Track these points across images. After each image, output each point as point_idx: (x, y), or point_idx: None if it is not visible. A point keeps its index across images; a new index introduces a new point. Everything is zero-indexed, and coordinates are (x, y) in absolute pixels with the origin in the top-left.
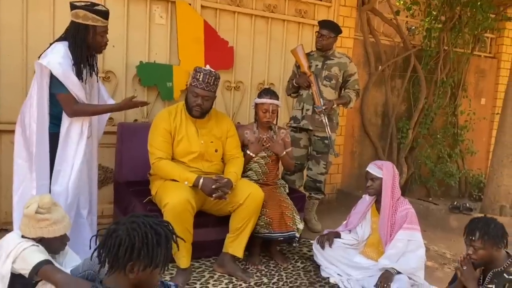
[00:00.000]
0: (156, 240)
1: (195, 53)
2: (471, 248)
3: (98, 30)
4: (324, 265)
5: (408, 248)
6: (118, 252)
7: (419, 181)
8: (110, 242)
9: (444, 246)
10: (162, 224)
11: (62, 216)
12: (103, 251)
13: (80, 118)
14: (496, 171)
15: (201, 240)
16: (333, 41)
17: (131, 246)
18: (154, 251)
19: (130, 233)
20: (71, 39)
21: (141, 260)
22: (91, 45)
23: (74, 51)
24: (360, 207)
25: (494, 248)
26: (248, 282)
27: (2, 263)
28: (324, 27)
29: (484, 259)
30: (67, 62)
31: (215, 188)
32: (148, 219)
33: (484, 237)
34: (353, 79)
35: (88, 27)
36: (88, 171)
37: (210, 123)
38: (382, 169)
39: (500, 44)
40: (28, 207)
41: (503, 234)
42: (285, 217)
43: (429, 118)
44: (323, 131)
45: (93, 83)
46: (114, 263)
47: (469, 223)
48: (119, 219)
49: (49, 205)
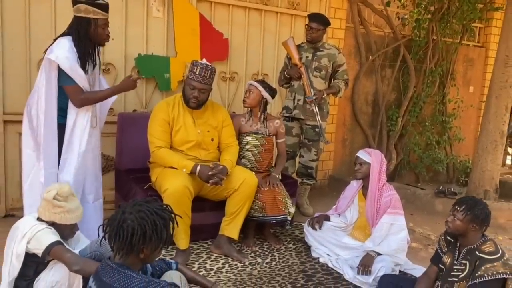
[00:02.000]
0: (163, 224)
1: (191, 45)
2: (451, 216)
3: (99, 22)
4: (314, 246)
5: (390, 231)
6: (132, 241)
7: (408, 167)
8: (122, 232)
9: (429, 228)
10: (164, 208)
11: (76, 207)
12: (115, 239)
13: (85, 108)
14: (481, 157)
15: (199, 224)
16: (322, 33)
17: (143, 234)
18: (162, 234)
19: (141, 222)
20: (75, 33)
21: (152, 243)
22: (94, 38)
23: (78, 44)
24: (348, 192)
25: (471, 225)
26: (243, 262)
27: (18, 243)
28: (313, 20)
29: (458, 231)
30: (73, 56)
31: (211, 174)
32: (152, 205)
33: (468, 211)
34: (342, 70)
35: (90, 20)
36: (92, 159)
37: (206, 114)
38: (371, 155)
39: (488, 34)
40: (49, 192)
41: (485, 219)
42: (277, 201)
43: (418, 106)
44: (314, 120)
45: (96, 75)
46: (127, 249)
47: (463, 197)
48: (122, 207)
49: (67, 194)
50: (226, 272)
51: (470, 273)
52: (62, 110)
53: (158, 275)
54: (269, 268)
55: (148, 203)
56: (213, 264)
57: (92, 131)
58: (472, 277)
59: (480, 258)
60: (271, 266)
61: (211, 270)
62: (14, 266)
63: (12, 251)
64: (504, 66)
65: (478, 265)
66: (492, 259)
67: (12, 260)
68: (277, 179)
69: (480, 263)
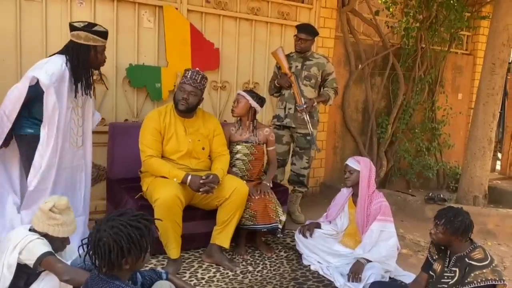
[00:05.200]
0: (139, 235)
1: (182, 55)
2: (434, 229)
3: (99, 49)
4: (305, 253)
5: (380, 238)
6: (110, 257)
7: (398, 173)
8: (99, 251)
9: (419, 234)
10: (138, 217)
11: (70, 221)
12: (94, 258)
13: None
14: (470, 163)
15: (190, 233)
16: (311, 43)
17: (120, 249)
18: (141, 244)
19: (116, 238)
20: (74, 58)
21: (132, 255)
22: (92, 63)
23: (74, 68)
24: (338, 200)
25: (453, 237)
26: (234, 271)
27: (10, 253)
28: (302, 31)
29: (441, 242)
30: (60, 74)
31: (202, 183)
32: (125, 218)
33: (447, 225)
34: (331, 78)
35: (90, 47)
36: (72, 177)
37: (197, 123)
38: (360, 163)
39: (476, 42)
40: (46, 203)
41: (466, 229)
42: (268, 210)
43: (408, 114)
44: (305, 128)
45: (88, 98)
46: (109, 265)
47: (443, 208)
48: (97, 223)
49: (63, 207)
50: (218, 281)
51: (460, 279)
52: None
53: (148, 285)
54: (260, 276)
55: (121, 215)
56: (204, 273)
57: (76, 149)
58: (461, 283)
59: (469, 265)
60: (262, 274)
61: (202, 279)
62: (6, 277)
63: (4, 262)
64: (491, 74)
65: (467, 272)
66: (481, 266)
67: (3, 270)
68: (268, 187)
69: (469, 270)
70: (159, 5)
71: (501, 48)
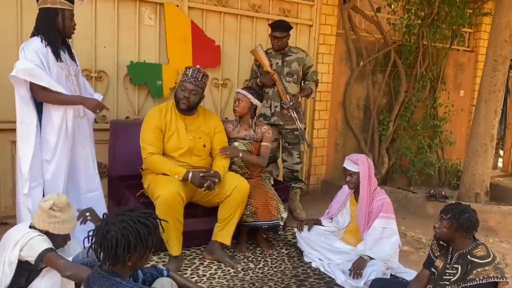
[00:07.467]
0: (147, 232)
1: (183, 52)
2: (439, 223)
3: (67, 13)
4: (306, 250)
5: (383, 235)
6: (116, 251)
7: (400, 171)
8: (106, 243)
9: (421, 231)
10: (147, 215)
11: (70, 218)
12: (100, 251)
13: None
14: (471, 161)
15: (191, 230)
16: (287, 39)
17: (127, 244)
18: (147, 242)
19: (124, 233)
20: (43, 26)
21: (137, 251)
22: (61, 29)
23: (47, 36)
24: (340, 197)
25: (457, 233)
26: (236, 268)
27: (10, 250)
28: (276, 29)
29: (444, 237)
30: (37, 59)
31: (202, 176)
32: (135, 214)
33: (453, 220)
34: (311, 71)
35: (57, 11)
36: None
37: (198, 120)
38: (358, 163)
39: (478, 39)
40: (45, 201)
41: (471, 226)
42: (269, 206)
43: (409, 111)
44: (292, 124)
45: (78, 72)
46: (113, 259)
47: (450, 204)
48: (106, 217)
49: (63, 205)
50: (219, 278)
51: (461, 277)
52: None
53: (149, 282)
54: (261, 273)
55: (131, 211)
56: (205, 270)
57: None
58: (463, 280)
59: (471, 262)
60: (264, 271)
61: (203, 276)
62: (7, 274)
63: (5, 259)
64: (493, 71)
65: (469, 269)
66: (484, 263)
67: (4, 268)
68: (237, 152)
69: (471, 267)
70: (160, 2)
71: (503, 45)
